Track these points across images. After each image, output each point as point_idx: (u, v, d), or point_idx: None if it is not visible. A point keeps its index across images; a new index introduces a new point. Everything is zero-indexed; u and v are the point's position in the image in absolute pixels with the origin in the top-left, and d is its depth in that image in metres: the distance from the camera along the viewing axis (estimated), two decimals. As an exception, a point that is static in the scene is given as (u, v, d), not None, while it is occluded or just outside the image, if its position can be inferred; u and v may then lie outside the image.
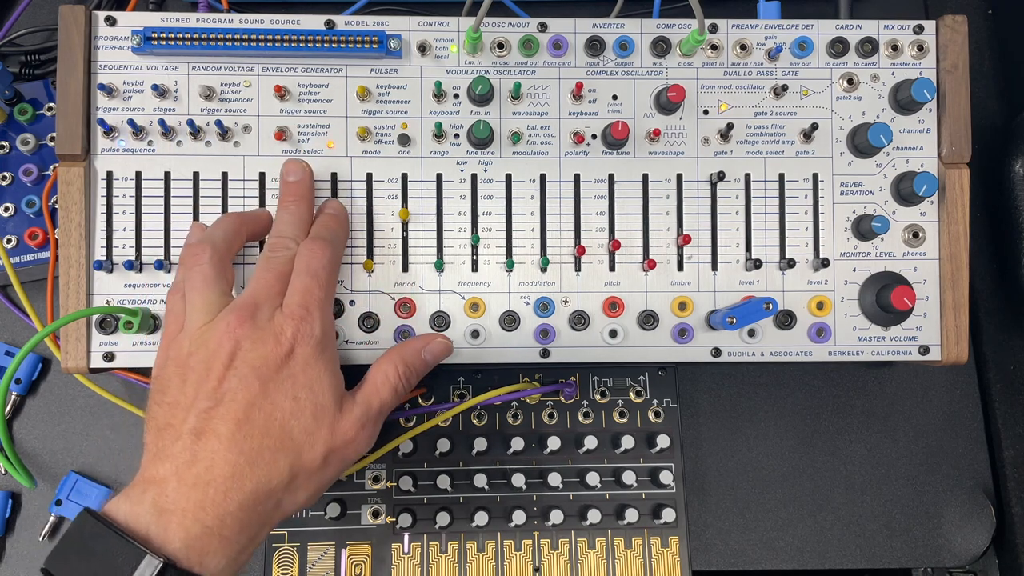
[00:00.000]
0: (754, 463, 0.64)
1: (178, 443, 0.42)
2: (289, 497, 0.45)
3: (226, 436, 0.42)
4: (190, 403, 0.44)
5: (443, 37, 0.56)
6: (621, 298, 0.55)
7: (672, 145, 0.56)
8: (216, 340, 0.45)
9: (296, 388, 0.45)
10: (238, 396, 0.43)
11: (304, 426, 0.45)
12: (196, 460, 0.42)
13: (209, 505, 0.41)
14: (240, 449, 0.42)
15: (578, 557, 0.60)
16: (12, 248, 0.60)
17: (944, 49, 0.57)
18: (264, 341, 0.45)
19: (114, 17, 0.54)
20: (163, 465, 0.42)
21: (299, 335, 0.46)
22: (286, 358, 0.45)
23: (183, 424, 0.43)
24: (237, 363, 0.44)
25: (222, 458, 0.42)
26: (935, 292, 0.56)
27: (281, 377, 0.44)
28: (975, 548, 0.63)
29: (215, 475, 0.41)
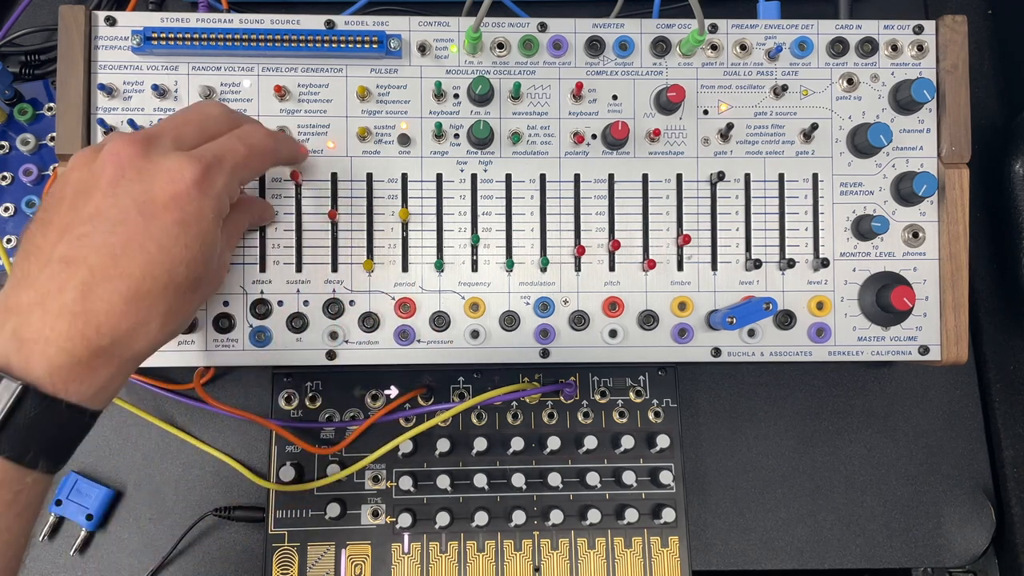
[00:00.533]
0: (754, 463, 0.64)
1: (45, 270, 0.39)
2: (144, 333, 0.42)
3: (99, 271, 0.39)
4: (64, 224, 0.40)
5: (443, 37, 0.56)
6: (621, 298, 0.55)
7: (672, 145, 0.56)
8: (100, 161, 0.41)
9: (178, 234, 0.41)
10: (116, 228, 0.40)
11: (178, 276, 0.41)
12: (63, 290, 0.38)
13: (77, 337, 0.38)
14: (113, 285, 0.39)
15: (578, 557, 0.60)
16: (12, 248, 0.60)
17: (944, 49, 0.57)
18: (152, 174, 0.41)
19: (114, 17, 0.54)
20: (27, 293, 0.39)
21: (193, 182, 0.41)
22: (172, 199, 0.41)
23: (53, 249, 0.40)
24: (118, 191, 0.40)
25: (93, 289, 0.39)
26: (935, 292, 0.56)
27: (165, 218, 0.40)
28: (975, 548, 0.63)
29: (84, 307, 0.38)
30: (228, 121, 0.47)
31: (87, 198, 0.40)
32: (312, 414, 0.61)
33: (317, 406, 0.61)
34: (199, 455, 0.62)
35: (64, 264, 0.39)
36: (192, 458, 0.62)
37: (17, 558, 0.39)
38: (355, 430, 0.60)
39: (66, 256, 0.39)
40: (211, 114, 0.46)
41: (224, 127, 0.46)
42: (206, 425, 0.62)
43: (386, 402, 0.61)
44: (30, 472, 0.38)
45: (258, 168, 0.47)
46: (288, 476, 0.59)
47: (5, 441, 0.37)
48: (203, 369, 0.59)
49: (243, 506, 0.61)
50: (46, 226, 0.41)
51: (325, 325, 0.54)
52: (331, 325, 0.54)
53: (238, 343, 0.54)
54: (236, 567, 0.60)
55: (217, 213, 0.43)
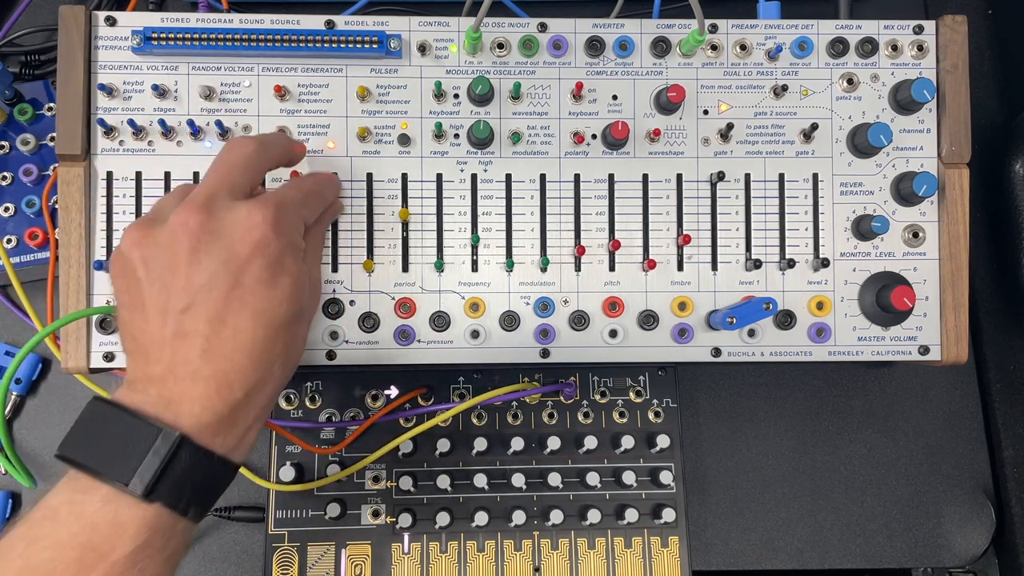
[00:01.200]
0: (754, 463, 0.64)
1: (165, 349, 0.41)
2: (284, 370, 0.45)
3: (212, 336, 0.41)
4: (162, 306, 0.42)
5: (443, 37, 0.56)
6: (621, 298, 0.55)
7: (672, 145, 0.56)
8: (168, 240, 0.42)
9: (271, 276, 0.43)
10: (212, 294, 0.41)
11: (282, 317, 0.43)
12: (188, 360, 0.41)
13: (215, 396, 0.40)
14: (233, 347, 0.41)
15: (578, 557, 0.60)
16: (12, 248, 0.60)
17: (944, 49, 0.57)
18: (225, 232, 0.42)
19: (114, 17, 0.54)
20: (155, 367, 0.41)
21: (264, 224, 0.43)
22: (254, 249, 0.42)
23: (163, 329, 0.41)
24: (200, 257, 0.42)
25: (216, 356, 0.41)
26: (935, 292, 0.56)
27: (252, 269, 0.42)
28: (975, 548, 0.63)
29: (214, 370, 0.41)
30: (267, 154, 0.48)
31: (173, 274, 0.42)
32: (312, 414, 0.61)
33: (317, 406, 0.61)
34: (199, 455, 0.61)
35: (179, 339, 0.41)
36: (192, 458, 0.62)
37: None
38: (355, 430, 0.60)
39: (178, 332, 0.41)
40: (250, 154, 0.46)
41: (265, 159, 0.47)
42: (206, 425, 0.62)
43: (386, 402, 0.61)
44: (181, 519, 0.40)
45: (316, 208, 0.49)
46: (288, 476, 0.59)
47: (163, 488, 0.39)
48: (203, 369, 0.59)
49: (243, 506, 0.61)
50: (140, 310, 0.42)
51: (325, 325, 0.54)
52: (331, 325, 0.54)
53: (238, 343, 0.54)
54: (236, 567, 0.60)
55: (295, 248, 0.45)
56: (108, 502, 0.38)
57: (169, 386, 0.40)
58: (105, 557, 0.37)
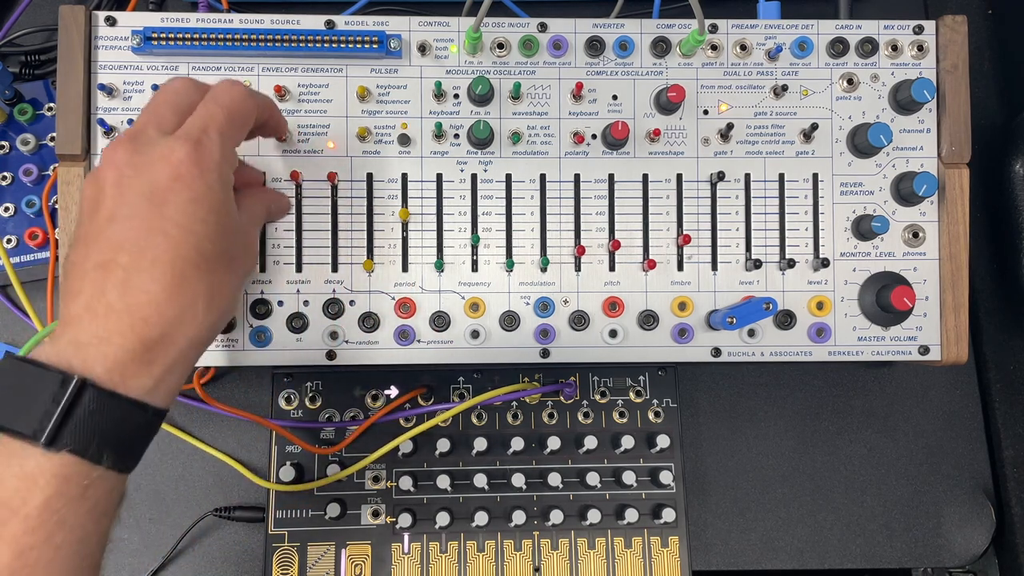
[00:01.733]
0: (754, 463, 0.64)
1: (85, 280, 0.40)
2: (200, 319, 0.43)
3: (131, 267, 0.40)
4: (90, 236, 0.42)
5: (443, 37, 0.56)
6: (621, 298, 0.55)
7: (672, 145, 0.56)
8: (100, 173, 0.42)
9: (191, 208, 0.42)
10: (133, 224, 0.41)
11: (205, 250, 0.42)
12: (104, 291, 0.40)
13: (128, 331, 0.39)
14: (149, 275, 0.40)
15: (578, 557, 0.60)
16: (12, 248, 0.60)
17: (944, 49, 0.57)
18: (149, 166, 0.42)
19: (114, 17, 0.54)
20: (75, 302, 0.40)
21: (186, 157, 0.42)
22: (174, 181, 0.42)
23: (85, 260, 0.41)
24: (124, 190, 0.42)
25: (133, 285, 0.40)
26: (935, 292, 0.56)
27: (173, 202, 0.41)
28: (975, 548, 0.63)
29: (128, 303, 0.40)
30: (198, 90, 0.46)
31: (99, 207, 0.42)
32: (312, 414, 0.61)
33: (317, 406, 0.61)
34: (199, 455, 0.62)
35: (99, 269, 0.40)
36: (192, 458, 0.62)
37: (92, 559, 0.39)
38: (355, 430, 0.60)
39: (98, 262, 0.41)
40: (179, 89, 0.46)
41: (196, 97, 0.46)
42: (206, 425, 0.62)
43: (386, 402, 0.61)
44: (95, 467, 0.39)
45: (243, 124, 0.47)
46: (288, 476, 0.59)
47: (67, 435, 0.38)
48: (203, 369, 0.59)
49: (243, 506, 0.61)
50: (75, 244, 0.43)
51: (325, 325, 0.54)
52: (331, 325, 0.54)
53: (238, 343, 0.54)
54: (236, 567, 0.60)
55: (222, 182, 0.44)
56: (13, 456, 0.37)
57: (84, 326, 0.39)
58: (16, 512, 0.36)
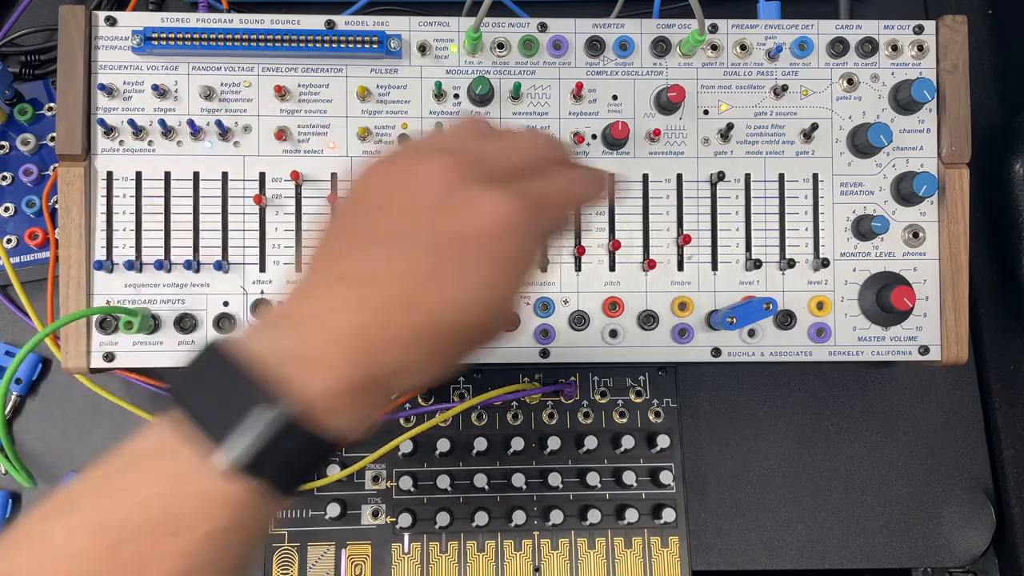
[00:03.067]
0: (754, 463, 0.64)
1: (331, 286, 0.35)
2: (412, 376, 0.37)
3: (395, 296, 0.34)
4: (363, 237, 0.36)
5: (443, 37, 0.56)
6: (621, 298, 0.55)
7: (672, 145, 0.56)
8: (419, 178, 0.36)
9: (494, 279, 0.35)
10: (416, 255, 0.35)
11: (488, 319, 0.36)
12: (354, 310, 0.34)
13: (360, 361, 0.34)
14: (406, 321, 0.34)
15: (578, 557, 0.60)
16: (12, 248, 0.60)
17: (944, 49, 0.57)
18: (479, 205, 0.35)
19: (114, 17, 0.54)
20: (306, 303, 0.35)
21: (524, 223, 0.35)
22: (491, 235, 0.35)
23: (342, 261, 0.36)
24: (435, 217, 0.35)
25: (386, 322, 0.34)
26: (935, 292, 0.56)
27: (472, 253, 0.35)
28: (975, 548, 0.62)
29: (373, 334, 0.34)
30: (561, 156, 0.40)
31: (395, 215, 0.35)
32: (312, 414, 0.61)
33: (317, 406, 0.61)
34: (199, 455, 0.61)
35: (358, 282, 0.35)
36: (192, 458, 0.62)
37: None
38: (355, 430, 0.60)
39: (362, 274, 0.35)
40: (542, 144, 0.40)
41: (552, 161, 0.40)
42: (206, 425, 0.62)
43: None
44: (271, 499, 0.34)
45: (566, 221, 0.41)
46: (288, 476, 0.58)
47: (267, 464, 0.33)
48: (203, 369, 0.59)
49: (243, 506, 0.61)
50: (341, 235, 0.37)
51: (325, 325, 0.54)
52: (331, 325, 0.54)
53: (238, 343, 0.54)
54: (236, 567, 0.60)
55: (531, 260, 0.37)
56: (198, 470, 0.32)
57: (314, 337, 0.34)
58: (182, 530, 0.32)
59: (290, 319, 0.35)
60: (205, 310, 0.54)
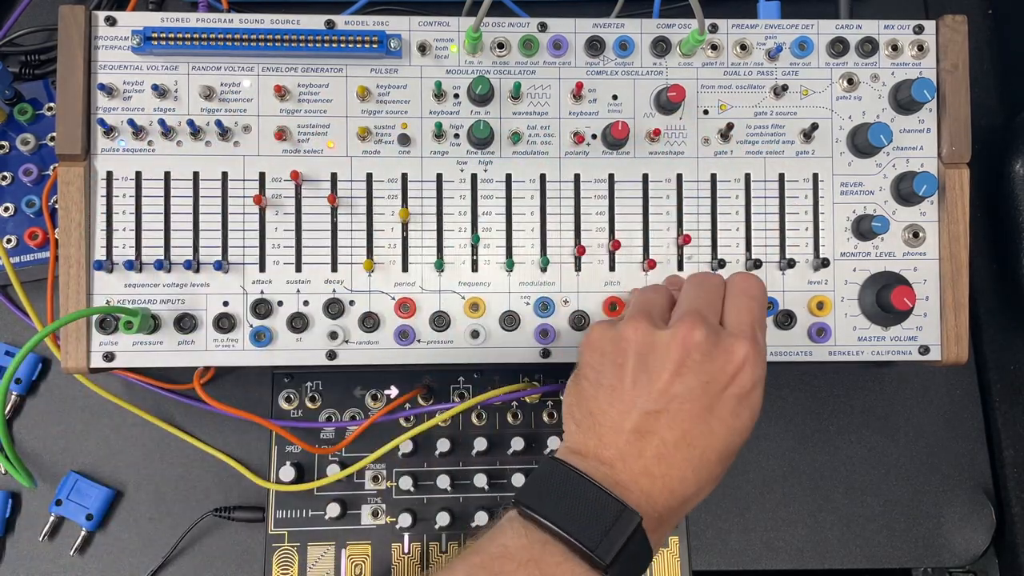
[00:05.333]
0: (754, 463, 0.64)
1: (620, 437, 0.43)
2: None
3: (671, 444, 0.43)
4: (632, 399, 0.44)
5: (443, 37, 0.56)
6: (621, 298, 0.55)
7: (672, 145, 0.56)
8: (666, 342, 0.44)
9: (736, 410, 0.44)
10: (684, 407, 0.43)
11: (733, 444, 0.45)
12: (641, 455, 0.43)
13: (657, 495, 0.42)
14: (685, 459, 0.43)
15: (578, 557, 0.59)
16: (12, 248, 0.60)
17: (944, 49, 0.57)
18: (715, 357, 0.44)
19: (114, 17, 0.54)
20: (607, 451, 0.43)
21: (749, 358, 0.44)
22: (732, 378, 0.44)
23: (624, 419, 0.44)
24: (685, 371, 0.44)
25: (668, 463, 0.43)
26: (935, 292, 0.56)
27: (726, 396, 0.44)
28: (975, 548, 0.62)
29: (662, 472, 0.43)
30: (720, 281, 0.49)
31: (653, 375, 0.44)
32: (312, 414, 0.61)
33: (317, 406, 0.61)
34: (199, 455, 0.62)
35: (639, 435, 0.43)
36: (192, 458, 0.62)
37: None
38: (355, 430, 0.60)
39: (639, 428, 0.43)
40: (717, 284, 0.48)
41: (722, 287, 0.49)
42: (206, 425, 0.62)
43: (386, 402, 0.61)
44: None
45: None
46: (288, 476, 0.59)
47: (619, 562, 0.41)
48: (203, 369, 0.59)
49: (243, 506, 0.61)
50: (609, 392, 0.45)
51: (325, 325, 0.54)
52: (331, 325, 0.54)
53: (238, 343, 0.54)
54: (236, 567, 0.60)
55: (761, 383, 0.45)
56: (567, 560, 0.40)
57: (618, 470, 0.43)
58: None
59: (599, 458, 0.44)
60: (205, 310, 0.54)
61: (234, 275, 0.54)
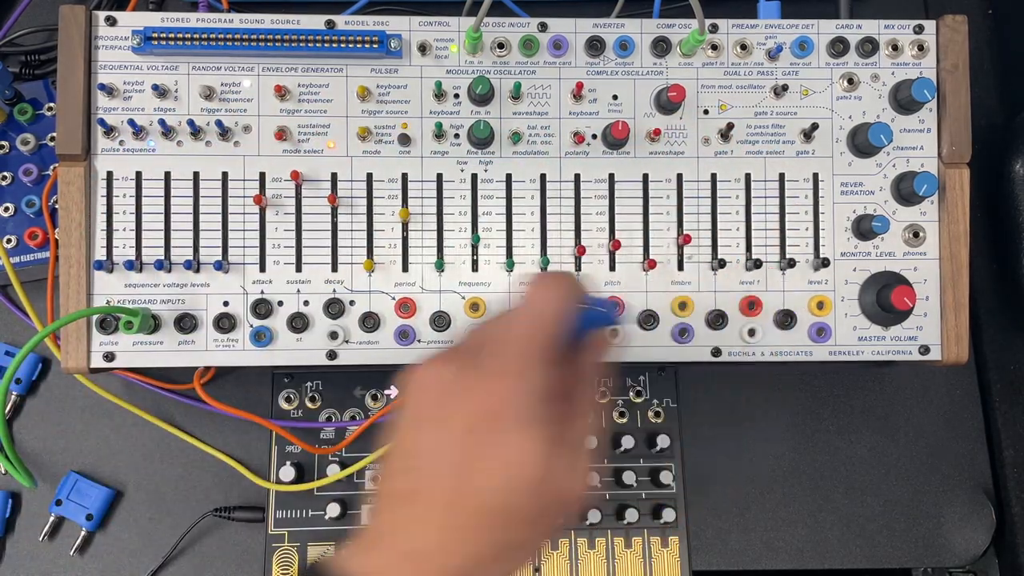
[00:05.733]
0: (754, 464, 0.64)
1: (390, 499, 0.38)
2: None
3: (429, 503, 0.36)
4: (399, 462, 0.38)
5: (443, 37, 0.56)
6: (621, 298, 0.55)
7: (672, 145, 0.56)
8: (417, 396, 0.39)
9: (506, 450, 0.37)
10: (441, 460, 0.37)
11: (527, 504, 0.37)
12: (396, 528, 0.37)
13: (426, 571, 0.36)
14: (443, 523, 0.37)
15: (578, 557, 0.60)
16: (12, 248, 0.60)
17: (944, 49, 0.57)
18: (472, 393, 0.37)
19: (114, 17, 0.54)
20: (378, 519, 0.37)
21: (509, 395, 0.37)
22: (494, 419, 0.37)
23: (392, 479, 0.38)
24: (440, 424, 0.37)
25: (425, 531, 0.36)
26: (935, 292, 0.56)
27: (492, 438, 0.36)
28: (975, 548, 0.63)
29: (415, 548, 0.36)
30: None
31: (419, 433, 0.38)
32: (312, 414, 0.61)
33: (317, 406, 0.61)
34: (199, 455, 0.62)
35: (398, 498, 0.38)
36: (192, 458, 0.62)
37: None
38: (355, 430, 0.60)
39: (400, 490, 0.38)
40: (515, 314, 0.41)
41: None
42: (206, 425, 0.62)
43: (386, 402, 0.61)
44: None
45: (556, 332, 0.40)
46: (288, 476, 0.58)
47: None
48: (203, 369, 0.59)
49: (243, 506, 0.61)
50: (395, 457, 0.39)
51: (325, 325, 0.54)
52: (331, 325, 0.54)
53: (238, 343, 0.54)
54: (236, 567, 0.60)
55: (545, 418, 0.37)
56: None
57: (384, 553, 0.36)
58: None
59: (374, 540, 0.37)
60: (205, 310, 0.54)
61: (234, 275, 0.54)
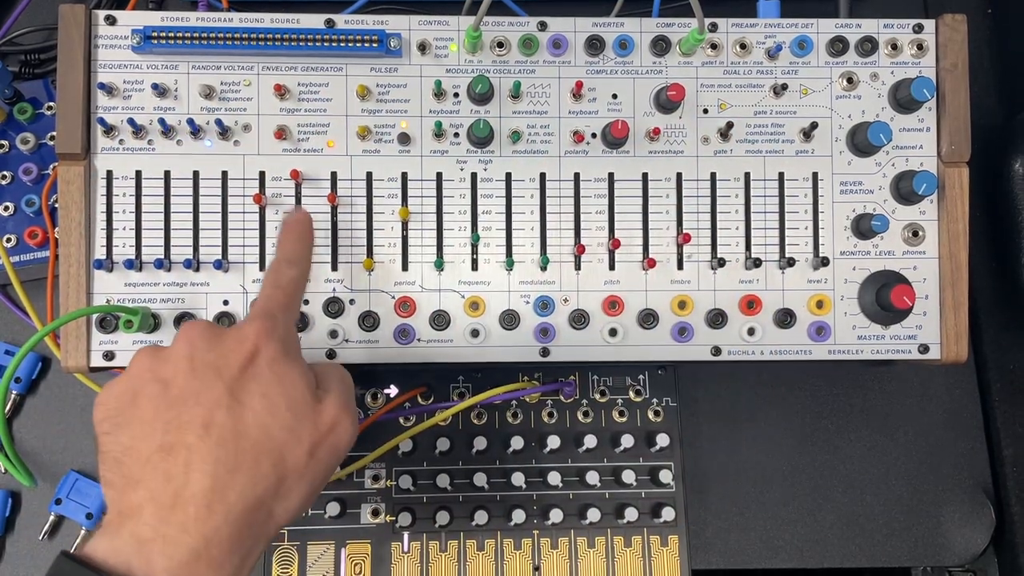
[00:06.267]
0: (754, 463, 0.64)
1: (147, 465, 0.38)
2: (280, 504, 0.40)
3: (196, 445, 0.38)
4: (151, 418, 0.39)
5: (443, 36, 0.56)
6: (621, 297, 0.55)
7: (672, 144, 0.56)
8: (172, 351, 0.42)
9: (265, 386, 0.41)
10: (201, 399, 0.39)
11: (281, 422, 0.40)
12: (170, 478, 0.37)
13: (191, 524, 0.36)
14: (215, 457, 0.38)
15: (578, 556, 0.60)
16: (12, 247, 0.60)
17: (944, 48, 0.57)
18: (223, 342, 0.41)
19: (114, 16, 0.54)
20: (135, 492, 0.37)
21: (261, 334, 0.42)
22: (249, 358, 0.41)
23: (147, 442, 0.39)
24: (196, 365, 0.40)
25: (197, 469, 0.37)
26: (935, 291, 0.56)
27: (246, 377, 0.41)
28: (975, 548, 0.63)
29: (193, 490, 0.37)
30: None
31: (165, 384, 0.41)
32: (312, 413, 0.61)
33: (317, 405, 0.61)
34: (199, 454, 0.61)
35: (164, 453, 0.38)
36: (192, 457, 0.62)
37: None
38: (355, 429, 0.60)
39: (163, 444, 0.38)
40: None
41: None
42: (206, 424, 0.62)
43: (386, 401, 0.61)
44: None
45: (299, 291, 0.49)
46: (288, 475, 0.58)
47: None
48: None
49: (243, 505, 0.61)
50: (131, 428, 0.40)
51: (325, 324, 0.54)
52: (331, 324, 0.54)
53: (238, 342, 0.54)
54: (236, 566, 0.60)
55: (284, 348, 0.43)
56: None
57: (145, 518, 0.37)
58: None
59: (125, 511, 0.37)
60: (205, 309, 0.54)
61: (234, 274, 0.54)
